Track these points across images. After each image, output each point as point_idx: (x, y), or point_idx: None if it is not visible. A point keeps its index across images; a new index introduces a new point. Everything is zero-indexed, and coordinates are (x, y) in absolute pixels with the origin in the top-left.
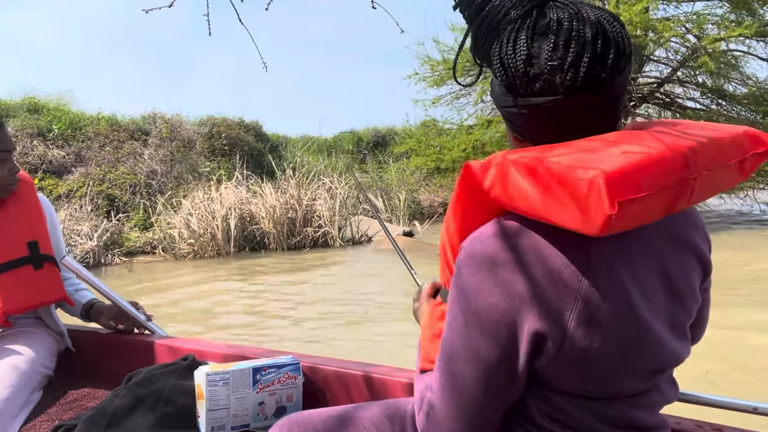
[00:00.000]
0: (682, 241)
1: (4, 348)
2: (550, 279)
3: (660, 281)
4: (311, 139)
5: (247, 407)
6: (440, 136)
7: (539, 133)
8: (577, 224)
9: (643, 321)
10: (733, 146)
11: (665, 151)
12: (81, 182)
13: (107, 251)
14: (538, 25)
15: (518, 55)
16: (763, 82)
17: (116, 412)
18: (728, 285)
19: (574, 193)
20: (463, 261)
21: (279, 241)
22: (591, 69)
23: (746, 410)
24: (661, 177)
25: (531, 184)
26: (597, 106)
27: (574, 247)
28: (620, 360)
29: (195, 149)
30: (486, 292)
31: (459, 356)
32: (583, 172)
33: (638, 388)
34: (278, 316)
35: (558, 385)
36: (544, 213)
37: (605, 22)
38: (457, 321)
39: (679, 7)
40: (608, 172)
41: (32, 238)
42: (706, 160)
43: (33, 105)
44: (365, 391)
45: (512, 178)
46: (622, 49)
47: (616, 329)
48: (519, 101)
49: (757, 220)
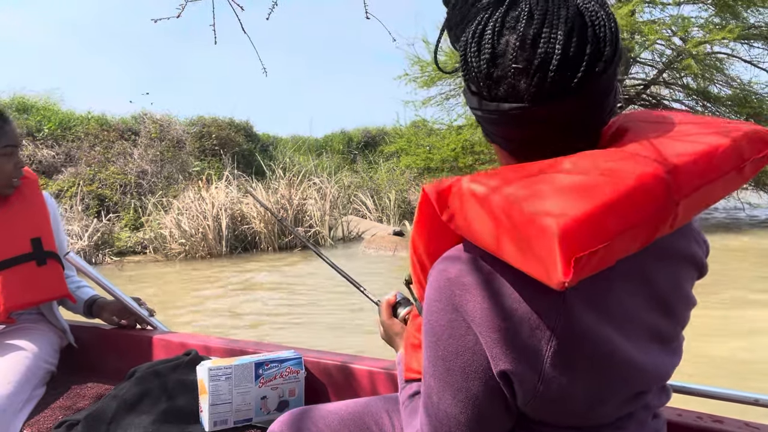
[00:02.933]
0: (675, 252)
1: (7, 344)
2: (522, 319)
3: (646, 302)
4: (302, 139)
5: (250, 402)
6: (430, 136)
7: (510, 141)
8: (535, 273)
9: (624, 355)
10: (729, 157)
11: (639, 179)
12: (71, 182)
13: (98, 251)
14: (508, 17)
15: (482, 53)
16: (747, 84)
17: (119, 407)
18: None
19: (528, 237)
20: (432, 297)
21: (270, 240)
22: (560, 73)
23: (747, 402)
24: (632, 213)
25: (490, 226)
26: (574, 111)
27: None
28: (600, 395)
29: (185, 149)
30: (459, 333)
31: (448, 402)
32: (534, 211)
33: (623, 411)
34: (274, 313)
35: (540, 418)
36: (507, 258)
37: (586, 13)
38: (437, 367)
39: (665, 10)
40: (563, 223)
41: (36, 235)
42: (692, 182)
43: (22, 105)
44: (367, 386)
45: (468, 210)
46: (602, 48)
47: (594, 368)
48: (483, 104)
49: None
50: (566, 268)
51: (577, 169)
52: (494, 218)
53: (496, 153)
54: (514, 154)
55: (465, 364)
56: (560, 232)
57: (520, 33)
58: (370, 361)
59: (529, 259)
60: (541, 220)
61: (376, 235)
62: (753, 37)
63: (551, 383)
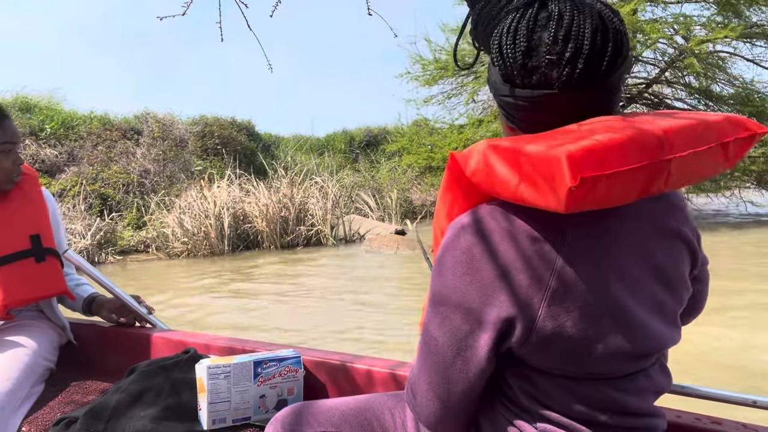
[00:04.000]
0: (670, 231)
1: (6, 340)
2: (524, 263)
3: (646, 269)
4: (303, 139)
5: (249, 400)
6: (432, 135)
7: (532, 124)
8: (546, 201)
9: (621, 304)
10: (711, 130)
11: (636, 133)
12: (74, 181)
13: (101, 250)
14: (539, 17)
15: (517, 46)
16: (749, 83)
17: (118, 405)
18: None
19: (542, 171)
20: (444, 242)
21: (272, 239)
22: (588, 65)
23: (746, 403)
24: (631, 156)
25: (505, 167)
26: (591, 100)
27: (550, 229)
28: (596, 341)
29: (187, 148)
30: (461, 271)
31: (434, 325)
32: (549, 151)
33: (621, 370)
34: (275, 312)
35: (536, 363)
36: (518, 193)
37: (606, 18)
38: (435, 297)
39: (667, 9)
40: (571, 150)
41: (35, 231)
42: (680, 142)
43: (25, 104)
44: (366, 385)
45: (490, 162)
46: (620, 46)
47: (590, 310)
48: (515, 92)
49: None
50: (573, 177)
51: (583, 127)
52: (513, 164)
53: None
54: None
55: (459, 298)
56: (567, 155)
57: (552, 30)
58: (370, 360)
59: (541, 189)
60: (551, 151)
61: (378, 234)
62: (755, 36)
63: (547, 321)
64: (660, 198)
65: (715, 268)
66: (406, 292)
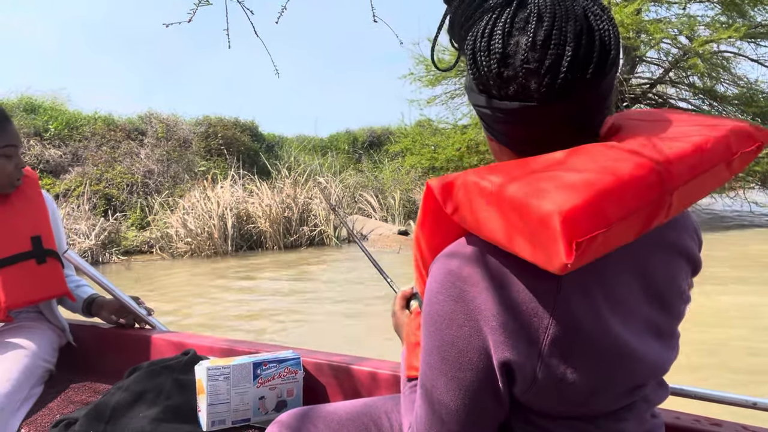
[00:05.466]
0: (669, 245)
1: (6, 342)
2: (520, 307)
3: (643, 295)
4: (307, 139)
5: (248, 402)
6: (435, 135)
7: (513, 138)
8: (539, 261)
9: (621, 343)
10: (717, 150)
11: (635, 170)
12: (78, 182)
13: (105, 250)
14: (517, 18)
15: (492, 53)
16: (753, 83)
17: (117, 406)
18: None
19: (533, 228)
20: (433, 289)
21: (276, 239)
22: (570, 74)
23: (745, 405)
24: (630, 201)
25: (491, 213)
26: (577, 111)
27: (544, 274)
28: (598, 384)
29: (191, 149)
30: (457, 323)
31: (440, 390)
32: (538, 204)
33: (622, 403)
34: (277, 313)
35: (538, 407)
36: (507, 244)
37: (592, 17)
38: (433, 356)
39: (671, 8)
40: (565, 210)
41: (36, 233)
42: (683, 172)
43: (29, 104)
44: (366, 387)
45: (474, 204)
46: (608, 50)
47: (592, 356)
48: (492, 103)
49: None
50: (568, 250)
51: (577, 164)
52: (500, 211)
53: (493, 150)
54: (516, 151)
55: (459, 354)
56: (561, 218)
57: (531, 34)
58: (369, 362)
59: (532, 246)
60: (544, 209)
61: (381, 234)
62: (760, 36)
63: (549, 370)
64: None
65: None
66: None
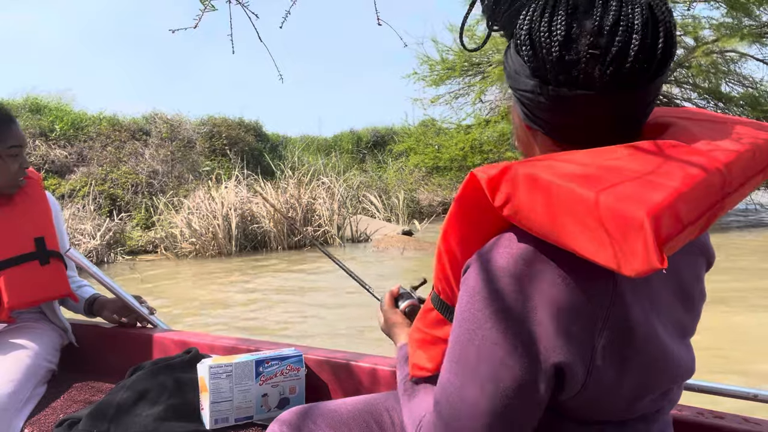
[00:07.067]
0: (694, 244)
1: (9, 342)
2: (575, 309)
3: (674, 295)
4: (311, 139)
5: (251, 399)
6: (439, 135)
7: (558, 127)
8: (611, 263)
9: (663, 347)
10: (763, 153)
11: (703, 172)
12: (83, 182)
13: (110, 250)
14: (581, 1)
15: (554, 34)
16: (759, 83)
17: (120, 405)
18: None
19: (606, 227)
20: (474, 288)
21: (280, 240)
22: (637, 64)
23: (747, 397)
24: (700, 203)
25: (556, 213)
26: (630, 107)
27: (598, 275)
28: (643, 388)
29: (195, 149)
30: (503, 325)
31: (470, 391)
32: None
33: (656, 407)
34: (280, 313)
35: (578, 413)
36: (572, 245)
37: (656, 7)
38: (469, 357)
39: (675, 8)
40: (654, 210)
41: (39, 234)
42: (739, 174)
43: (35, 105)
44: (368, 384)
45: (532, 199)
46: (671, 43)
47: (641, 360)
48: (546, 89)
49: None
50: (659, 254)
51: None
52: (562, 206)
53: (524, 141)
54: (558, 141)
55: (504, 355)
56: (651, 219)
57: (597, 18)
58: (371, 359)
59: (602, 246)
60: (625, 207)
61: (385, 234)
62: (766, 36)
63: (599, 375)
64: None
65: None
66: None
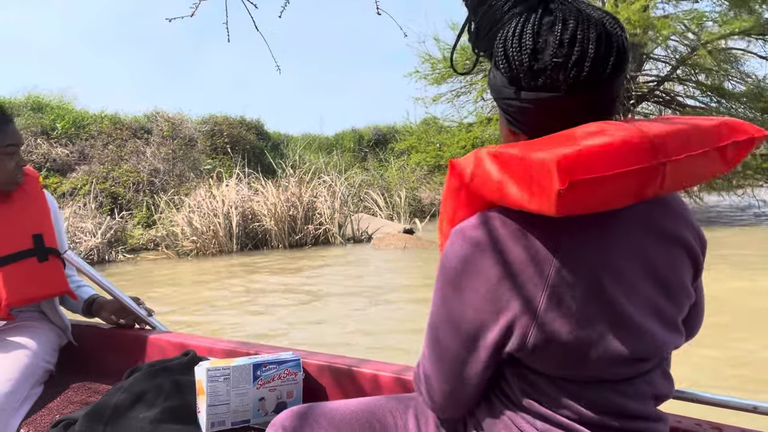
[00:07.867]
0: (670, 236)
1: (6, 341)
2: (523, 266)
3: (644, 273)
4: (312, 138)
5: (248, 403)
6: (440, 133)
7: (535, 128)
8: (538, 205)
9: (618, 307)
10: (707, 135)
11: (628, 137)
12: (84, 180)
13: (111, 248)
14: (544, 21)
15: (524, 48)
16: (761, 80)
17: (117, 406)
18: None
19: (533, 174)
20: (448, 249)
21: (281, 238)
22: (594, 68)
23: (746, 409)
24: (623, 160)
25: (498, 170)
26: (595, 104)
27: (545, 235)
28: (591, 344)
29: (197, 147)
30: (467, 276)
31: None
32: (541, 155)
33: (620, 373)
34: (281, 313)
35: (535, 366)
36: (510, 196)
37: (608, 24)
38: (442, 299)
39: (678, 5)
40: (562, 154)
41: (37, 231)
42: (675, 146)
43: (36, 103)
44: (366, 388)
45: (485, 167)
46: (623, 51)
47: (586, 314)
48: (521, 94)
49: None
50: (561, 181)
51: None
52: (505, 167)
53: (512, 142)
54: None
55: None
56: (557, 160)
57: (558, 34)
58: (370, 364)
59: (533, 193)
60: (544, 156)
61: (386, 232)
62: None
63: (543, 327)
64: (658, 202)
65: None
66: (412, 292)
